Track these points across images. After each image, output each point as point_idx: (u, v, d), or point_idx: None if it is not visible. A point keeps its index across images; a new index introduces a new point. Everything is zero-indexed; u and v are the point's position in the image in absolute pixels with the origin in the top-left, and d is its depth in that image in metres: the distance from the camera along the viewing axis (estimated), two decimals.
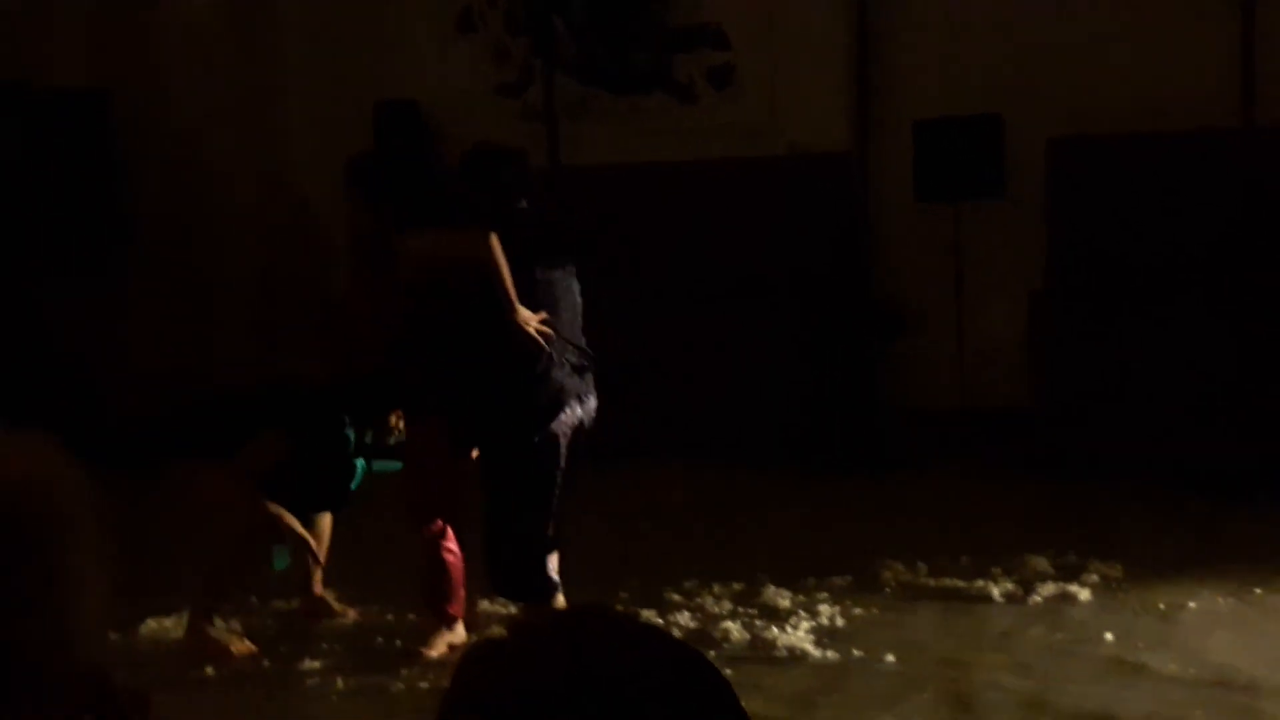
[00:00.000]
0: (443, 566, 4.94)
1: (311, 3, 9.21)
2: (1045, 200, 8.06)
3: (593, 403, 4.92)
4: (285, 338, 8.57)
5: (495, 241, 4.63)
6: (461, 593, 5.01)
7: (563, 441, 4.81)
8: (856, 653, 4.80)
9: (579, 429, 4.88)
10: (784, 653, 4.83)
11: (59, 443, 1.11)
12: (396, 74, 8.82)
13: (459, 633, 5.01)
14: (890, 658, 4.74)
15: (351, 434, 5.04)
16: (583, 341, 4.93)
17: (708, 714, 0.79)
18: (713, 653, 4.77)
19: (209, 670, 4.83)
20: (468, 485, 5.00)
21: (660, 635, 0.85)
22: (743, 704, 0.81)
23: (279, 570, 5.24)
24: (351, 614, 5.45)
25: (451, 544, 4.97)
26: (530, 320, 4.68)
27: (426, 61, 8.89)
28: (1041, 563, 5.65)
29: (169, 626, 5.25)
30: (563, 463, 4.82)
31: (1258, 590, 5.34)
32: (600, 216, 8.41)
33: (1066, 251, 8.00)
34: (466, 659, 0.85)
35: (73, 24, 9.00)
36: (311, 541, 5.09)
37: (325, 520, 5.37)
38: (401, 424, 5.08)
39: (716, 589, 5.51)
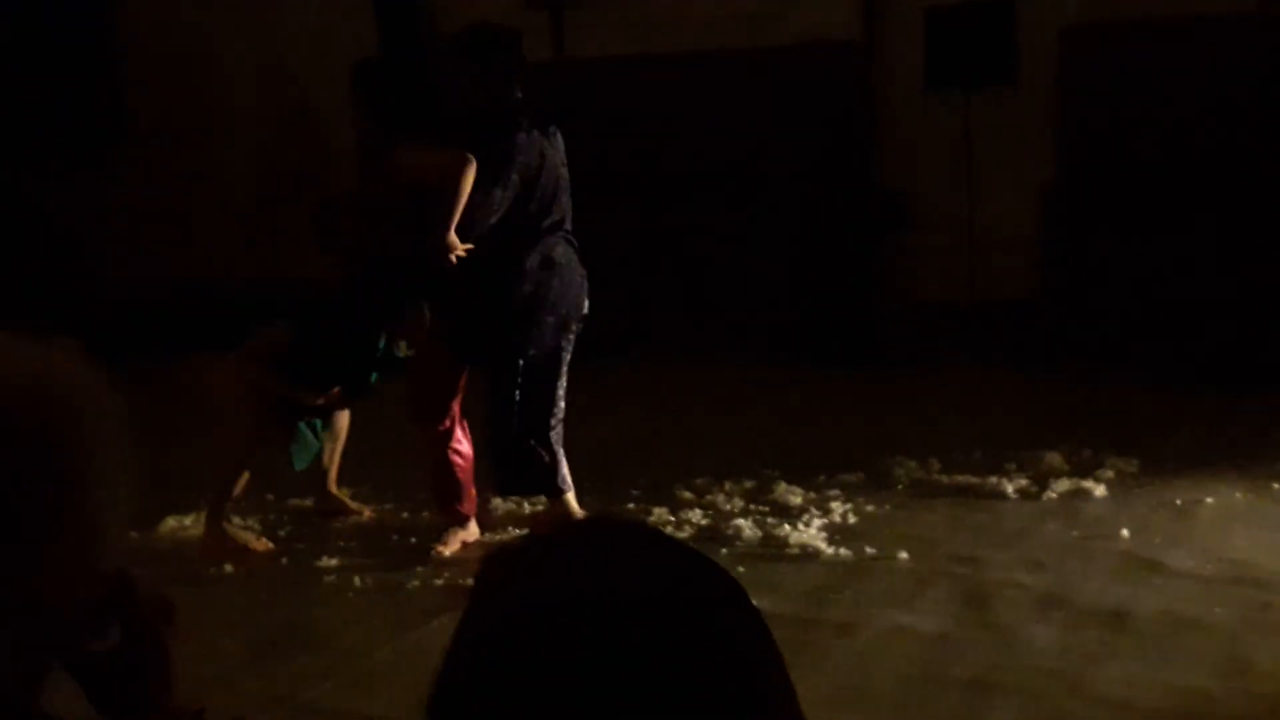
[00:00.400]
0: (450, 467, 4.95)
1: None
2: (1057, 89, 7.93)
3: (584, 299, 4.91)
4: (282, 234, 8.50)
5: (470, 171, 4.58)
6: (472, 491, 5.03)
7: (562, 343, 4.82)
8: (869, 550, 4.79)
9: (578, 325, 4.89)
10: (796, 550, 4.83)
11: (80, 345, 1.09)
12: None
13: (472, 530, 5.03)
14: (903, 554, 4.74)
15: (373, 336, 5.05)
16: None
17: (723, 625, 0.81)
18: (724, 550, 4.78)
19: (227, 568, 4.85)
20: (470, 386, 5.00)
21: (677, 544, 0.86)
22: (755, 601, 0.83)
23: (300, 469, 5.25)
24: (367, 512, 5.46)
25: (459, 444, 4.97)
26: (454, 248, 4.63)
27: None
28: (1056, 458, 5.63)
29: (188, 524, 5.27)
30: (563, 361, 4.84)
31: (1275, 485, 5.33)
32: (605, 107, 8.29)
33: (1078, 142, 7.89)
34: (487, 566, 0.87)
35: None
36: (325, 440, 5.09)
37: (342, 418, 5.37)
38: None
39: (728, 486, 5.51)
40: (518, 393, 4.81)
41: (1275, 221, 7.41)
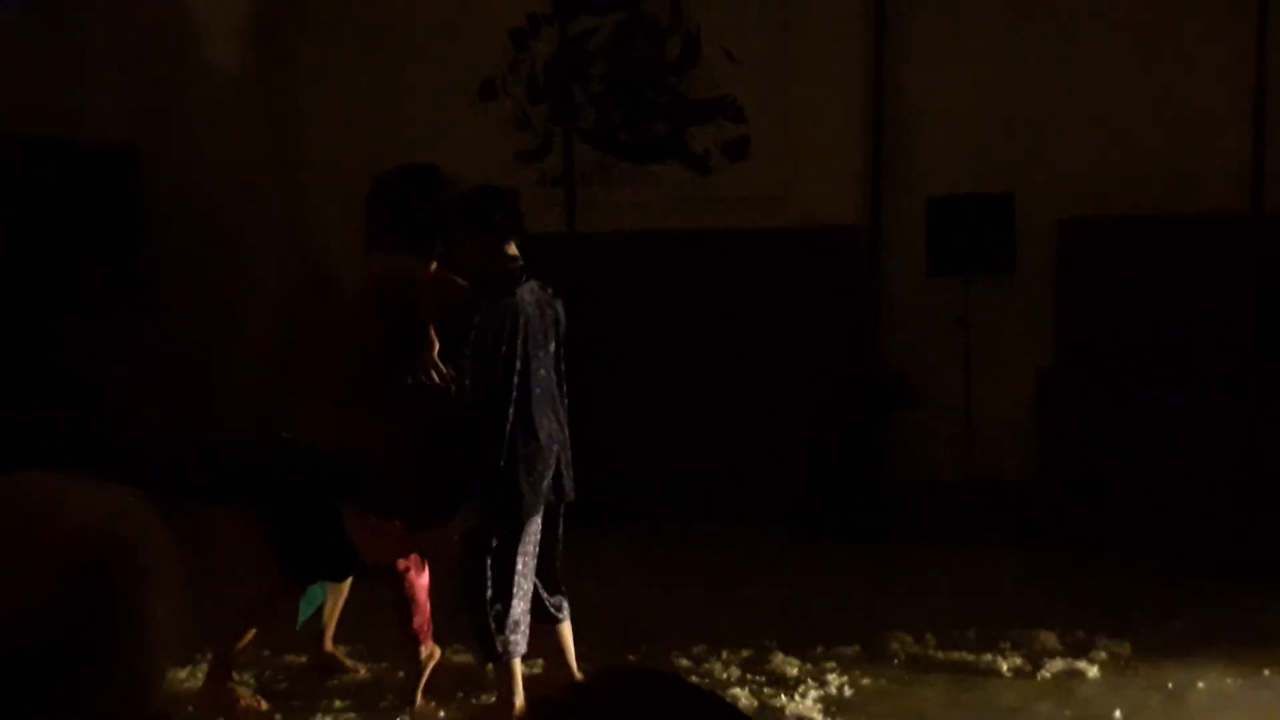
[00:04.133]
0: (409, 593, 5.03)
1: (336, 68, 9.36)
2: (1055, 279, 8.17)
3: (567, 481, 4.88)
4: (300, 388, 8.62)
5: (428, 271, 4.66)
6: (426, 611, 5.06)
7: (523, 528, 4.77)
8: None
9: (550, 507, 4.87)
10: None
11: (141, 494, 1.16)
12: (417, 140, 8.94)
13: (424, 652, 5.07)
14: None
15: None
16: (561, 411, 4.89)
17: None
18: None
19: None
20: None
21: (698, 691, 0.89)
22: None
23: (300, 625, 5.27)
24: (362, 670, 5.47)
25: (418, 576, 5.05)
26: (435, 370, 4.66)
27: (447, 128, 9.02)
28: (1050, 638, 5.66)
29: (183, 677, 5.27)
30: (521, 544, 4.77)
31: (1266, 672, 5.34)
32: (612, 280, 8.52)
33: (1075, 329, 8.09)
34: (526, 715, 0.89)
35: (105, 81, 9.16)
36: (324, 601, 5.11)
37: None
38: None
39: (725, 655, 5.53)
40: (474, 565, 4.75)
41: (1274, 412, 7.54)
